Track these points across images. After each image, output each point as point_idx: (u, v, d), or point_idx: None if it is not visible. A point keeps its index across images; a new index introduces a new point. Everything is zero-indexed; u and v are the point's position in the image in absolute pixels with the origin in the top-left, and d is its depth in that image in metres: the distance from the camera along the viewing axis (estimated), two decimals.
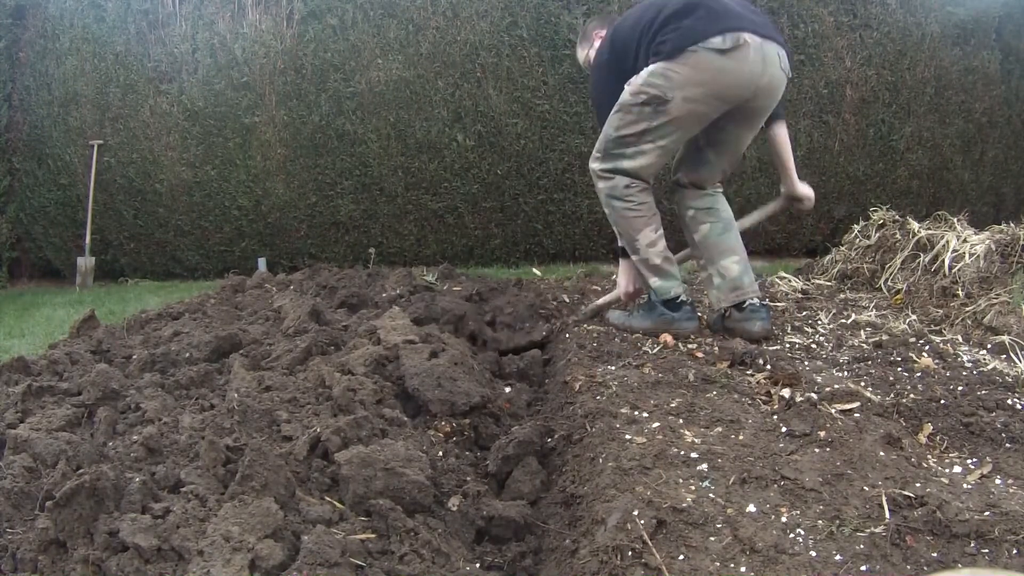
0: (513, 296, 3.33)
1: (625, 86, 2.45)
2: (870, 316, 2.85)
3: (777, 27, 2.40)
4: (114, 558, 1.23)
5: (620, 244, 2.72)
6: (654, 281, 2.59)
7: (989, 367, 2.14)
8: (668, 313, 2.57)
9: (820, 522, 1.26)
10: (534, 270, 5.16)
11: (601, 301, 2.99)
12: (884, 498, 1.31)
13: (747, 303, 2.55)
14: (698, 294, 3.28)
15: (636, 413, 1.79)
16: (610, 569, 1.15)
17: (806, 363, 2.25)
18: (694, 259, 2.79)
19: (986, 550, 1.16)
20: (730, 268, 2.58)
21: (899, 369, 2.16)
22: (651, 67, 2.37)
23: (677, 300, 2.58)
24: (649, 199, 2.55)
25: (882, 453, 1.52)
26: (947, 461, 1.56)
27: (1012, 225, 3.15)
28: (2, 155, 6.14)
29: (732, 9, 2.36)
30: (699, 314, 2.74)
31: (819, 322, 2.81)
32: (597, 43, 2.78)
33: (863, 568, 1.14)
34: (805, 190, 2.79)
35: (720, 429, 1.69)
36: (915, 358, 2.23)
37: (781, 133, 2.73)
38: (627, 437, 1.63)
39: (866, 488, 1.37)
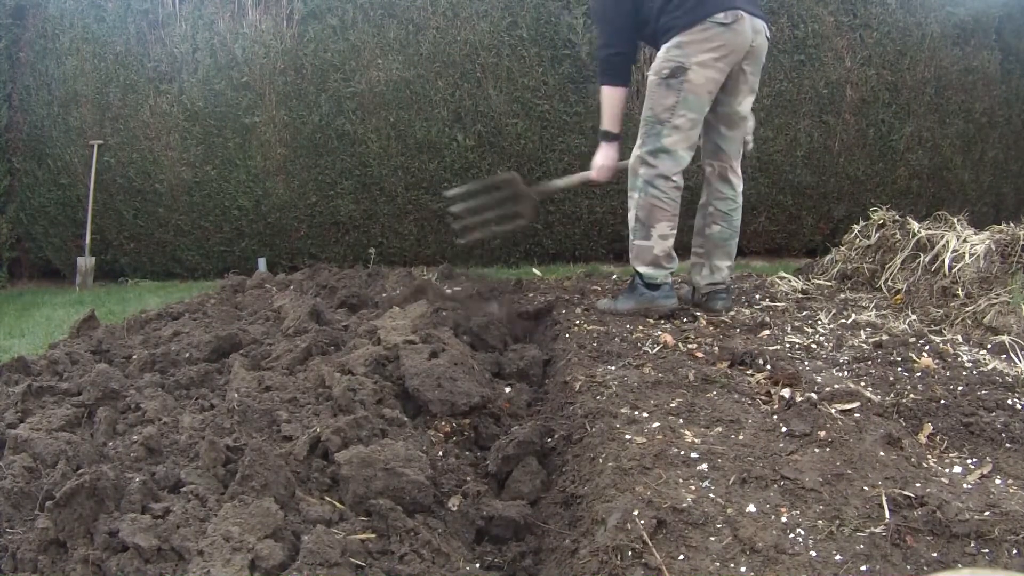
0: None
1: (648, 74, 2.85)
2: (870, 316, 2.85)
3: (760, 5, 2.94)
4: (114, 558, 1.23)
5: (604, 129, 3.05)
6: (647, 269, 2.91)
7: (989, 367, 2.14)
8: (648, 292, 2.92)
9: (820, 522, 1.26)
10: (534, 270, 5.16)
11: (575, 179, 3.34)
12: (884, 498, 1.31)
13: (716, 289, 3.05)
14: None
15: (636, 413, 1.79)
16: (610, 569, 1.15)
17: (806, 363, 2.25)
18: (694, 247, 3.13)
19: (986, 550, 1.16)
20: (721, 269, 3.07)
21: (899, 369, 2.16)
22: (666, 45, 2.79)
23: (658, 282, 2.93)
24: (677, 198, 2.89)
25: (882, 453, 1.52)
26: (947, 461, 1.56)
27: (1012, 225, 3.14)
28: (2, 155, 6.13)
29: None
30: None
31: (819, 322, 2.81)
32: None
33: (863, 568, 1.14)
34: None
35: (720, 429, 1.69)
36: (915, 358, 2.23)
37: None
38: (627, 437, 1.63)
39: (866, 488, 1.36)
